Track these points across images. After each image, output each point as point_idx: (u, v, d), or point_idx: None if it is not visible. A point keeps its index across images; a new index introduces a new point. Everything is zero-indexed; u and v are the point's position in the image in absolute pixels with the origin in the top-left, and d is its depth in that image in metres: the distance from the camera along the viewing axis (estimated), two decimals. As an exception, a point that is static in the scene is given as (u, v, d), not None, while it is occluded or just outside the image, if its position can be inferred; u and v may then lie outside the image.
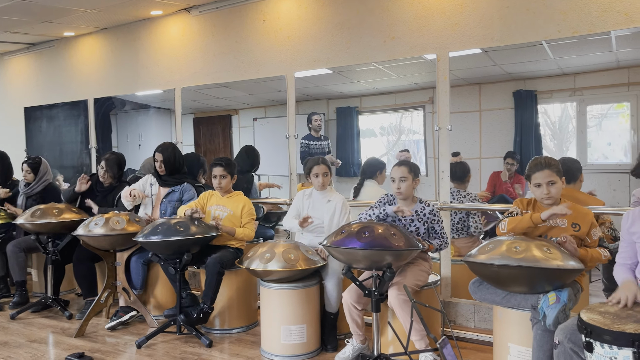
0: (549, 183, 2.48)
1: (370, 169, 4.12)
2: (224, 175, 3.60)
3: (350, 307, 2.82)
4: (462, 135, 4.72)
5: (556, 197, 2.51)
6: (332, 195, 3.41)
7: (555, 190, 2.49)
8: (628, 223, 2.05)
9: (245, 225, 3.57)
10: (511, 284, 2.41)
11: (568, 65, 5.92)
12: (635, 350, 1.62)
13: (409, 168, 2.92)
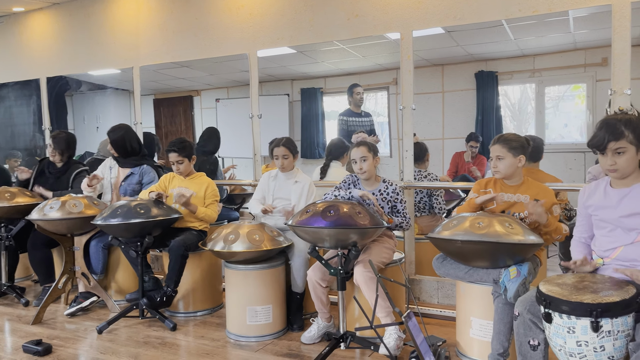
0: (497, 157, 2.56)
1: (336, 150, 4.11)
2: (180, 160, 3.51)
3: (315, 285, 2.82)
4: (425, 116, 4.76)
5: (504, 172, 2.56)
6: (298, 176, 3.39)
7: (503, 166, 2.54)
8: (584, 197, 2.10)
9: (208, 206, 3.51)
10: (474, 259, 2.45)
11: (527, 47, 6.03)
12: (593, 319, 1.67)
13: (367, 147, 2.93)
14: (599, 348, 1.70)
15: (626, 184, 1.96)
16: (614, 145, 1.89)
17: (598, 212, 2.03)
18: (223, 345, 2.99)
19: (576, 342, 1.73)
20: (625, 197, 1.94)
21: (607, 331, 1.69)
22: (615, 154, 1.90)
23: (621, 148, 1.89)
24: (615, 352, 1.71)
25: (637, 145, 1.89)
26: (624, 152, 1.89)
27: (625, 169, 1.91)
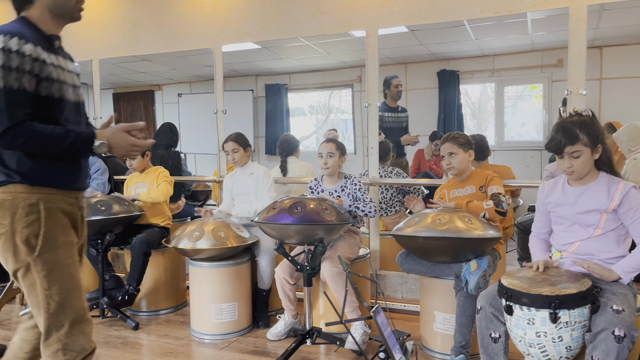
0: (450, 154, 2.69)
1: (289, 146, 4.12)
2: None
3: (283, 282, 2.82)
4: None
5: (458, 168, 2.71)
6: (253, 168, 3.38)
7: (456, 161, 2.69)
8: (544, 194, 2.17)
9: (158, 187, 3.45)
10: (436, 255, 2.50)
11: (488, 47, 6.19)
12: (551, 311, 1.74)
13: (336, 145, 2.96)
14: (557, 339, 1.77)
15: (583, 182, 2.04)
16: (570, 149, 1.96)
17: (557, 208, 2.10)
18: (187, 343, 2.95)
19: (535, 333, 1.79)
20: (582, 194, 2.02)
21: (565, 322, 1.76)
22: (572, 157, 1.98)
23: (577, 152, 1.96)
24: (572, 342, 1.79)
25: (592, 147, 1.97)
26: (580, 155, 1.97)
27: (582, 170, 1.99)
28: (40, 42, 1.58)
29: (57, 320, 1.56)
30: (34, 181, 1.57)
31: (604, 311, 1.76)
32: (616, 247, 1.98)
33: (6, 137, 1.48)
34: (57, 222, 1.59)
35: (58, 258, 1.57)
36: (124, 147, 1.64)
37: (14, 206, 1.54)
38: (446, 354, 2.53)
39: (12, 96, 1.47)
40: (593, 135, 1.95)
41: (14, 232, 1.54)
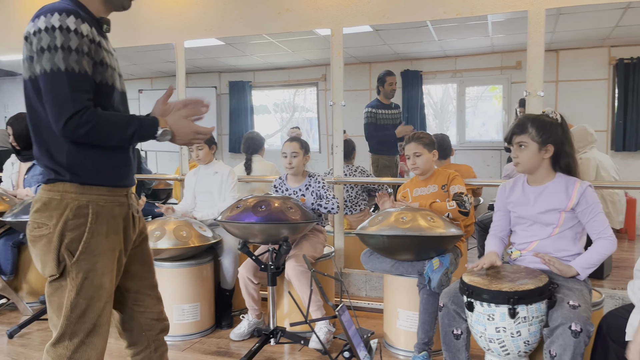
0: (415, 154, 2.72)
1: (254, 144, 4.07)
2: None
3: (247, 282, 2.79)
4: (353, 113, 4.79)
5: (423, 168, 2.75)
6: (217, 166, 3.33)
7: (421, 161, 2.73)
8: (505, 194, 2.22)
9: None
10: (399, 253, 2.53)
11: (450, 48, 6.29)
12: (510, 306, 1.78)
13: (300, 144, 2.95)
14: (516, 333, 1.81)
15: (540, 182, 2.09)
16: (517, 139, 2.04)
17: (517, 208, 2.15)
18: (148, 345, 2.88)
19: (495, 329, 1.83)
20: (541, 194, 2.07)
21: (523, 317, 1.80)
22: (518, 148, 2.04)
23: (523, 142, 2.03)
24: (530, 337, 1.83)
25: (540, 143, 2.02)
26: (525, 147, 2.03)
27: (526, 164, 2.05)
28: (93, 23, 1.45)
29: (74, 329, 1.46)
30: (85, 180, 1.44)
31: (560, 306, 1.81)
32: (573, 245, 2.04)
33: (70, 125, 1.34)
34: (102, 228, 1.47)
35: (94, 267, 1.46)
36: (187, 134, 1.52)
37: (62, 207, 1.42)
38: (409, 351, 2.56)
39: (75, 80, 1.34)
40: (544, 133, 2.01)
41: (57, 235, 1.42)
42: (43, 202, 1.44)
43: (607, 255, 2.00)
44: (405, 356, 2.63)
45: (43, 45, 1.32)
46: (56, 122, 1.34)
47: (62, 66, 1.32)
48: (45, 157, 1.44)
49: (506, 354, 1.87)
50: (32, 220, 1.46)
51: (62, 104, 1.33)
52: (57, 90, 1.33)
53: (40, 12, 1.35)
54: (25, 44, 1.37)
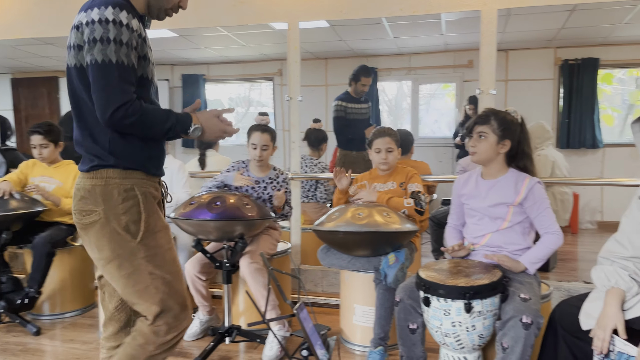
0: (387, 149, 2.69)
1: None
2: (45, 144, 3.16)
3: (194, 279, 2.71)
4: (309, 109, 4.75)
5: (392, 164, 2.73)
6: (167, 161, 3.21)
7: (392, 158, 2.71)
8: (459, 187, 2.26)
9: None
10: (356, 249, 2.53)
11: (405, 46, 6.37)
12: (467, 301, 1.80)
13: (271, 136, 2.87)
14: (471, 327, 1.85)
15: (493, 176, 2.14)
16: (478, 128, 2.09)
17: (469, 201, 2.19)
18: (96, 348, 2.76)
19: (451, 323, 1.86)
20: (492, 188, 2.12)
21: (478, 311, 1.83)
22: (478, 138, 2.08)
23: (484, 133, 2.08)
24: (484, 330, 1.87)
25: (499, 136, 2.08)
26: (485, 138, 2.08)
27: (482, 154, 2.09)
28: (139, 19, 1.51)
29: (168, 305, 1.53)
30: (127, 165, 1.51)
31: (512, 300, 1.86)
32: (522, 240, 2.10)
33: (117, 115, 1.39)
34: (153, 207, 1.55)
35: (159, 243, 1.53)
36: (215, 132, 1.61)
37: (108, 192, 1.48)
38: (365, 346, 2.57)
39: (124, 72, 1.40)
40: (504, 127, 2.07)
41: (109, 219, 1.47)
42: (87, 189, 1.49)
43: (553, 250, 2.07)
44: (361, 351, 2.64)
45: (96, 37, 1.37)
46: (103, 111, 1.39)
47: (112, 58, 1.37)
48: (88, 143, 1.49)
49: (461, 348, 1.90)
50: (78, 208, 1.51)
51: (111, 94, 1.38)
52: (107, 81, 1.38)
53: (93, 4, 1.40)
54: (75, 32, 1.42)
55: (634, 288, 1.56)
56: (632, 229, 1.61)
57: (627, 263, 1.61)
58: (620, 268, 1.60)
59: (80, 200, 1.51)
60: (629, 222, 1.64)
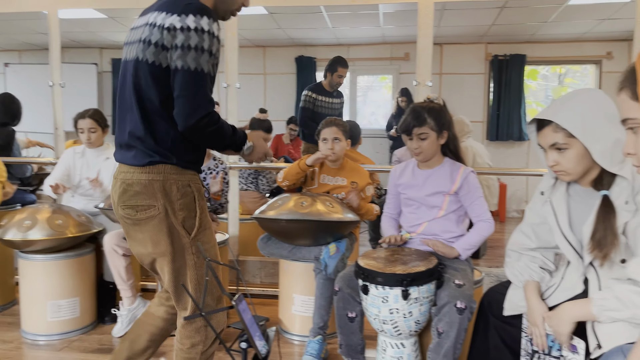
0: (334, 139, 2.65)
1: None
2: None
3: (111, 252, 2.58)
4: (247, 98, 4.66)
5: (339, 155, 2.69)
6: (109, 152, 3.06)
7: (339, 148, 2.67)
8: (395, 177, 2.29)
9: None
10: (298, 238, 2.51)
11: (343, 36, 6.39)
12: (404, 288, 1.83)
13: None
14: (408, 314, 1.88)
15: (430, 165, 2.19)
16: (418, 131, 2.10)
17: (406, 190, 2.23)
18: (17, 347, 2.59)
19: (389, 310, 1.88)
20: (429, 177, 2.17)
21: (415, 298, 1.87)
22: (419, 139, 2.11)
23: (424, 134, 2.10)
24: (420, 316, 1.91)
25: (438, 131, 2.12)
26: (427, 138, 2.11)
27: (428, 152, 2.13)
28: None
29: (206, 300, 1.57)
30: (185, 164, 1.54)
31: (447, 286, 1.91)
32: (456, 227, 2.17)
33: (201, 123, 1.44)
34: (205, 204, 1.61)
35: (208, 239, 1.59)
36: (260, 153, 1.68)
37: (167, 187, 1.51)
38: (304, 336, 2.57)
39: (210, 82, 1.47)
40: (440, 121, 2.10)
41: (168, 214, 1.50)
42: (143, 184, 1.50)
43: (485, 237, 2.14)
44: (300, 341, 2.64)
45: (191, 44, 1.40)
46: (188, 117, 1.43)
47: (205, 68, 1.42)
48: (149, 140, 1.50)
49: (398, 334, 1.93)
50: (132, 203, 1.51)
51: (200, 102, 1.43)
52: (197, 89, 1.42)
53: (188, 10, 1.42)
54: (163, 32, 1.43)
55: (546, 277, 1.63)
56: (536, 221, 1.67)
57: (535, 254, 1.67)
58: (530, 261, 1.66)
59: (136, 195, 1.50)
60: (532, 214, 1.70)
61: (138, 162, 1.51)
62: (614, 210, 1.40)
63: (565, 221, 1.55)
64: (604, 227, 1.40)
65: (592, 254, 1.43)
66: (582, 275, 1.55)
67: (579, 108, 1.43)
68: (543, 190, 1.65)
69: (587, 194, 1.52)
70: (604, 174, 1.45)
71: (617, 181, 1.43)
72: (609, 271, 1.45)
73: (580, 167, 1.46)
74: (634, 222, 1.38)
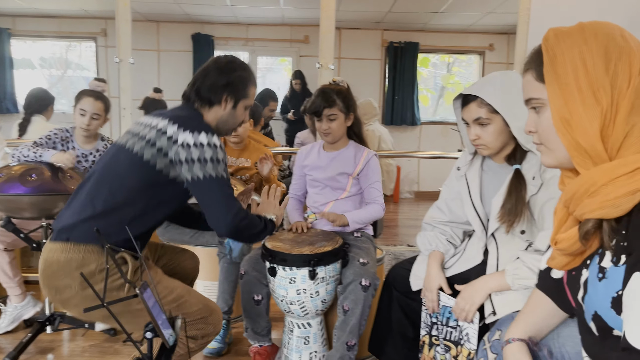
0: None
1: (38, 103, 3.46)
2: None
3: None
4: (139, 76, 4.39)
5: (243, 136, 2.71)
6: None
7: (242, 130, 2.67)
8: (301, 159, 2.29)
9: None
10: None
11: (242, 15, 6.24)
12: (311, 268, 1.85)
13: (105, 106, 2.55)
14: (315, 294, 1.90)
15: (335, 147, 2.21)
16: (328, 112, 2.11)
17: (312, 172, 2.24)
18: None
19: (296, 291, 1.89)
20: (334, 159, 2.19)
21: (322, 277, 1.89)
22: (329, 120, 2.12)
23: (333, 115, 2.12)
24: (327, 295, 1.94)
25: (346, 113, 2.15)
26: (336, 119, 2.13)
27: (336, 133, 2.16)
28: None
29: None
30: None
31: (352, 265, 1.96)
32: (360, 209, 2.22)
33: (237, 218, 1.58)
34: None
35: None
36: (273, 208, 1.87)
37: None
38: (208, 321, 2.50)
39: (229, 184, 1.60)
40: (347, 103, 2.13)
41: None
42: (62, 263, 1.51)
43: (375, 218, 2.21)
44: (203, 327, 2.56)
45: (193, 157, 1.53)
46: (224, 218, 1.57)
47: (219, 174, 1.56)
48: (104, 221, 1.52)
49: (305, 314, 1.95)
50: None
51: (228, 203, 1.57)
52: (221, 192, 1.57)
53: (187, 127, 1.55)
54: (161, 136, 1.55)
55: (451, 250, 1.75)
56: (450, 196, 1.79)
57: (446, 228, 1.79)
58: (440, 233, 1.78)
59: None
60: (447, 190, 1.81)
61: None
62: (524, 182, 1.53)
63: (477, 194, 1.66)
64: (515, 198, 1.52)
65: (500, 221, 1.55)
66: (484, 247, 1.66)
67: (502, 87, 1.53)
68: (459, 166, 1.76)
69: (500, 169, 1.64)
70: (517, 150, 1.58)
71: (528, 157, 1.56)
72: (508, 242, 1.58)
73: (498, 142, 1.57)
74: (542, 197, 1.51)
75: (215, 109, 1.72)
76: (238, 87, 1.73)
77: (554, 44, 0.93)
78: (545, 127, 0.95)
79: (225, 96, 1.71)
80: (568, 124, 0.90)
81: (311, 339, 2.00)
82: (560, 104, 0.91)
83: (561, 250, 0.99)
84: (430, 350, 1.70)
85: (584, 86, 0.88)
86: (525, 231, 1.56)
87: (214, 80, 1.70)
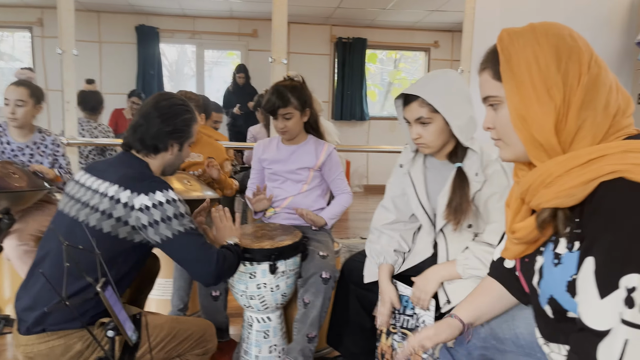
0: None
1: None
2: None
3: None
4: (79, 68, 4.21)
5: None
6: None
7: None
8: (259, 152, 2.28)
9: None
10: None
11: (189, 7, 6.11)
12: (272, 262, 1.85)
13: (30, 91, 2.43)
14: (275, 288, 1.90)
15: (295, 142, 2.22)
16: (283, 111, 2.10)
17: (272, 165, 2.24)
18: None
19: (256, 285, 1.88)
20: (294, 153, 2.20)
21: (282, 271, 1.90)
22: (284, 119, 2.12)
23: (289, 114, 2.11)
24: (287, 289, 1.95)
25: (301, 110, 2.15)
26: (292, 117, 2.12)
27: (293, 131, 2.16)
28: None
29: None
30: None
31: (312, 258, 1.98)
32: (320, 201, 2.24)
33: (219, 264, 1.58)
34: None
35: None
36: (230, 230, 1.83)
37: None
38: (163, 319, 2.45)
39: (198, 232, 1.58)
40: (302, 99, 2.13)
41: None
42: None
43: (346, 207, 2.25)
44: (157, 326, 2.51)
45: (159, 217, 1.49)
46: (208, 267, 1.57)
47: (187, 227, 1.54)
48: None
49: (265, 308, 1.95)
50: None
51: (206, 253, 1.57)
52: (196, 245, 1.55)
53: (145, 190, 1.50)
54: (117, 205, 1.48)
55: (400, 260, 1.78)
56: (395, 194, 1.83)
57: (394, 233, 1.79)
58: (387, 243, 1.78)
59: None
60: (392, 188, 1.85)
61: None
62: (467, 180, 1.58)
63: (422, 190, 1.71)
64: (459, 196, 1.57)
65: (447, 219, 1.60)
66: (433, 241, 1.72)
67: (442, 87, 1.57)
68: (402, 164, 1.79)
69: (442, 166, 1.69)
70: (458, 148, 1.63)
71: (469, 155, 1.61)
72: (457, 235, 1.64)
73: (439, 141, 1.61)
74: (485, 192, 1.57)
75: (162, 154, 1.67)
76: (183, 131, 1.69)
77: (508, 44, 0.97)
78: (503, 123, 1.00)
79: (171, 142, 1.66)
80: (524, 120, 0.95)
81: (271, 333, 2.00)
82: (516, 101, 0.95)
83: (519, 239, 1.04)
84: (388, 338, 1.75)
85: (538, 84, 0.93)
86: (472, 225, 1.62)
87: (157, 128, 1.63)
